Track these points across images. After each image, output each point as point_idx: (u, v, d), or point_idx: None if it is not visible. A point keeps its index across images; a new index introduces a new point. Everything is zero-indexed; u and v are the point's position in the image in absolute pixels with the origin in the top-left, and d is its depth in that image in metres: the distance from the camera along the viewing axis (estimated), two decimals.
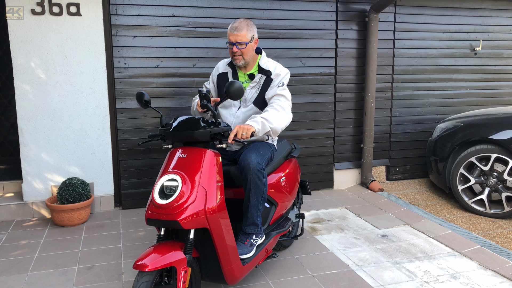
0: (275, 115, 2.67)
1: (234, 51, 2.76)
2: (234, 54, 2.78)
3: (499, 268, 3.02)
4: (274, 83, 2.82)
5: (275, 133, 2.69)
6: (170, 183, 2.23)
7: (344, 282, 2.87)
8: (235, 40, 2.73)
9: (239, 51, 2.75)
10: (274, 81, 2.83)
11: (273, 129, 2.64)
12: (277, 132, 2.71)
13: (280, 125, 2.69)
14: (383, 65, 4.99)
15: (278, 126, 2.67)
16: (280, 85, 2.81)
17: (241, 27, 2.73)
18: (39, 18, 3.86)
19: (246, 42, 2.74)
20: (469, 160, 4.12)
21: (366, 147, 4.92)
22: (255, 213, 2.63)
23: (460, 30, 5.26)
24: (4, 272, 3.03)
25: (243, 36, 2.72)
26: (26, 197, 4.06)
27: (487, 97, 5.51)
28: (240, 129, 2.44)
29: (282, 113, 2.72)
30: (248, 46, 2.76)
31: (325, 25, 4.70)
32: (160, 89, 4.26)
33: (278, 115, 2.69)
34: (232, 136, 2.41)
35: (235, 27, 2.73)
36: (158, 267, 2.06)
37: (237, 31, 2.72)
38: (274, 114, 2.67)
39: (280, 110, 2.72)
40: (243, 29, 2.73)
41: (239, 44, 2.73)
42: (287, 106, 2.79)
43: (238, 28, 2.72)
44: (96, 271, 3.03)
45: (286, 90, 2.83)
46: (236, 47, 2.74)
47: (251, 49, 2.81)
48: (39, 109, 3.97)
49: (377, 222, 3.95)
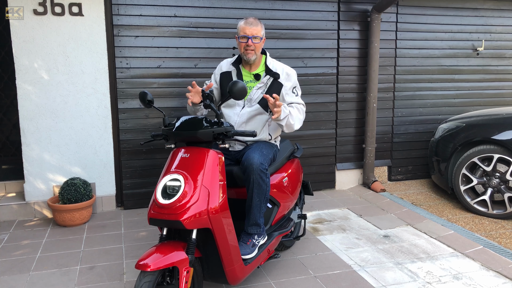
0: (297, 115, 2.85)
1: (249, 44, 2.79)
2: (247, 48, 2.80)
3: (501, 269, 3.01)
4: (286, 88, 2.89)
5: (290, 129, 2.80)
6: (173, 183, 2.23)
7: (346, 282, 2.87)
8: (251, 34, 2.78)
9: (253, 45, 2.80)
10: (285, 86, 2.89)
11: (289, 125, 2.77)
12: (292, 129, 2.82)
13: (296, 126, 2.85)
14: (385, 65, 4.99)
15: (295, 125, 2.82)
16: (296, 94, 2.93)
17: (256, 22, 2.82)
18: (41, 18, 3.86)
19: (260, 37, 2.82)
20: (472, 161, 4.11)
21: (368, 148, 4.92)
22: (258, 213, 2.63)
23: (462, 30, 5.25)
24: (6, 272, 3.03)
25: (258, 30, 2.81)
26: (28, 197, 4.06)
27: (489, 98, 5.50)
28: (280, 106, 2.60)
29: (301, 116, 2.91)
30: (261, 41, 2.83)
31: (327, 25, 4.69)
32: (162, 89, 4.25)
33: (298, 116, 2.88)
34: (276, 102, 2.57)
35: (250, 21, 2.81)
36: (160, 267, 2.05)
37: (253, 26, 2.80)
38: (296, 113, 2.85)
39: (301, 112, 2.92)
40: (258, 25, 2.82)
41: (254, 38, 2.78)
42: (304, 112, 2.97)
43: (253, 23, 2.81)
44: (98, 271, 3.03)
45: (301, 99, 2.97)
46: (251, 40, 2.78)
47: (262, 46, 2.88)
48: (41, 109, 3.97)
49: (379, 223, 3.94)
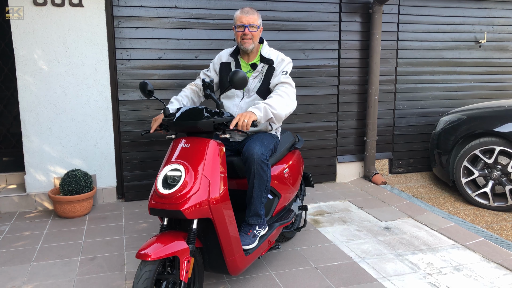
0: (279, 101, 2.63)
1: (246, 33, 2.76)
2: (244, 36, 2.78)
3: (502, 261, 3.01)
4: (277, 71, 2.82)
5: (278, 119, 2.64)
6: (174, 173, 2.22)
7: (347, 273, 2.87)
8: (247, 22, 2.76)
9: (250, 34, 2.77)
10: (276, 69, 2.83)
11: (276, 115, 2.59)
12: (281, 119, 2.66)
13: (284, 112, 2.64)
14: (386, 58, 4.96)
15: (281, 112, 2.62)
16: (283, 73, 2.81)
17: (252, 11, 2.81)
18: (41, 9, 3.84)
19: (257, 26, 2.80)
20: (473, 153, 4.10)
21: (369, 140, 4.90)
22: (258, 204, 2.62)
23: (465, 23, 5.22)
24: (7, 262, 3.03)
25: (255, 19, 2.79)
26: (29, 188, 4.06)
27: (492, 90, 5.47)
28: (241, 117, 2.41)
29: (286, 99, 2.68)
30: (258, 30, 2.82)
31: (328, 16, 4.66)
32: (163, 81, 4.24)
33: (282, 101, 2.65)
34: (234, 123, 2.38)
35: (247, 10, 2.80)
36: (161, 256, 2.05)
37: (250, 14, 2.78)
38: (277, 99, 2.63)
39: (284, 96, 2.68)
40: (254, 14, 2.81)
41: (251, 26, 2.76)
42: (292, 92, 2.76)
43: (250, 12, 2.79)
44: (99, 262, 3.03)
45: (290, 78, 2.82)
46: (248, 29, 2.76)
47: (259, 35, 2.86)
48: (42, 100, 3.96)
49: (380, 215, 3.94)
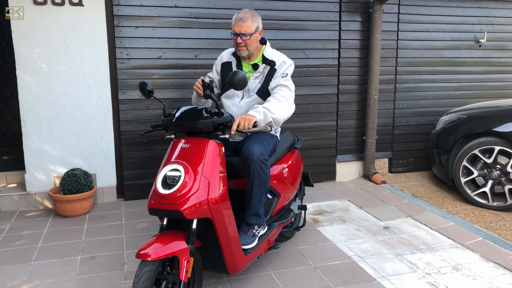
0: (277, 106, 2.65)
1: (239, 42, 2.74)
2: (238, 45, 2.76)
3: (501, 260, 3.02)
4: (278, 73, 2.82)
5: (277, 123, 2.68)
6: (173, 173, 2.23)
7: (346, 273, 2.88)
8: (239, 31, 2.71)
9: (243, 42, 2.74)
10: (277, 71, 2.82)
11: (275, 119, 2.64)
12: (279, 123, 2.70)
13: (282, 116, 2.68)
14: (386, 57, 4.96)
15: (280, 117, 2.66)
16: (283, 75, 2.79)
17: (246, 18, 2.71)
18: (41, 8, 3.84)
19: (250, 33, 2.73)
20: (473, 153, 4.11)
21: (369, 140, 4.91)
22: (258, 203, 2.63)
23: (465, 22, 5.21)
24: (8, 261, 3.04)
25: (247, 27, 2.71)
26: (29, 187, 4.07)
27: (491, 90, 5.48)
28: (242, 119, 2.43)
29: (284, 104, 2.70)
30: (252, 37, 2.75)
31: (328, 16, 4.66)
32: (163, 80, 4.24)
33: (280, 105, 2.67)
34: (234, 127, 2.40)
35: (239, 18, 2.72)
36: (160, 256, 2.06)
37: (242, 22, 2.70)
38: (276, 104, 2.65)
39: (282, 100, 2.70)
40: (248, 20, 2.71)
41: (243, 35, 2.72)
42: (290, 96, 2.77)
43: (243, 19, 2.71)
44: (99, 261, 3.04)
45: (290, 81, 2.81)
46: (241, 38, 2.72)
47: (256, 40, 2.80)
48: (42, 99, 3.97)
49: (379, 214, 3.95)
